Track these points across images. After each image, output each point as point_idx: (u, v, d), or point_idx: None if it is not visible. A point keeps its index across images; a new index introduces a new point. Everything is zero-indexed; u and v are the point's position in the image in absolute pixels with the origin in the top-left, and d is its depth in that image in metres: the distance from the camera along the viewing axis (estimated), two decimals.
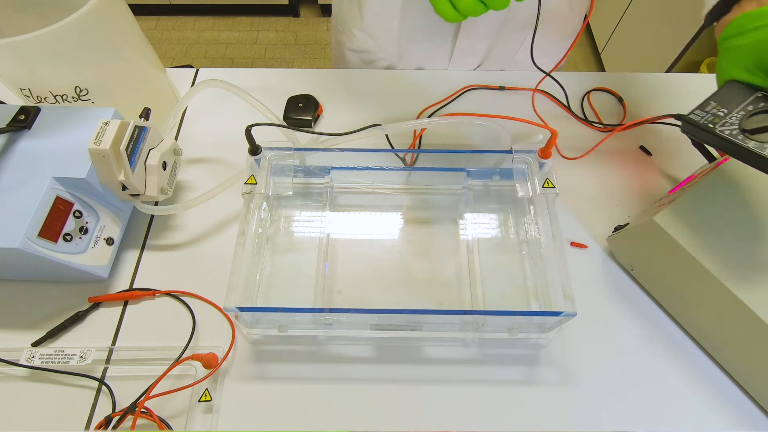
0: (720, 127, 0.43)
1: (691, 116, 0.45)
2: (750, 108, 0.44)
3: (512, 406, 0.49)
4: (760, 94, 0.44)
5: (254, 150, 0.53)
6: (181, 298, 0.54)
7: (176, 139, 0.67)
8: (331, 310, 0.48)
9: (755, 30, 0.44)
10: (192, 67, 0.77)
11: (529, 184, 0.55)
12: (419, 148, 0.66)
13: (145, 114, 0.54)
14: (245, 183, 0.52)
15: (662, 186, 0.62)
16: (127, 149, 0.49)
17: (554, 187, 0.52)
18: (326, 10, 2.23)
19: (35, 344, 0.51)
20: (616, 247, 0.56)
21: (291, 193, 0.57)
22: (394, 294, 0.54)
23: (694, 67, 1.55)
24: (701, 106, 0.46)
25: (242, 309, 0.45)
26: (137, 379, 0.48)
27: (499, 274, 0.55)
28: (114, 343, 0.52)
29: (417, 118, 0.69)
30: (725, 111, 0.44)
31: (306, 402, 0.49)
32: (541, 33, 0.72)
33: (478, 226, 0.58)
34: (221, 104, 0.70)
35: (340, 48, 0.79)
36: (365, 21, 0.72)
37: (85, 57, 0.53)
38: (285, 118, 0.67)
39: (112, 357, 0.50)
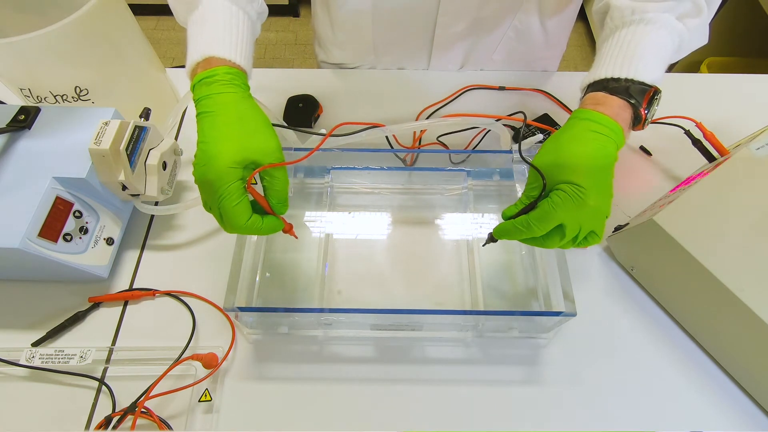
0: None
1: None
2: None
3: (512, 406, 0.49)
4: None
5: None
6: (181, 298, 0.54)
7: (176, 139, 0.67)
8: (331, 310, 0.48)
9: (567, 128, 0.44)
10: None
11: None
12: (419, 148, 0.66)
13: (145, 114, 0.54)
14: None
15: (662, 186, 0.62)
16: (127, 149, 0.49)
17: None
18: None
19: (35, 344, 0.51)
20: (616, 247, 0.56)
21: (291, 193, 0.57)
22: (394, 294, 0.54)
23: (694, 67, 1.54)
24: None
25: (242, 309, 0.45)
26: (137, 379, 0.48)
27: (499, 274, 0.55)
28: (114, 343, 0.52)
29: (417, 118, 0.69)
30: None
31: (306, 402, 0.49)
32: (518, 41, 0.71)
33: (478, 226, 0.58)
34: None
35: (319, 60, 0.80)
36: (338, 38, 0.73)
37: (85, 57, 0.53)
38: (285, 118, 0.67)
39: (112, 357, 0.50)
